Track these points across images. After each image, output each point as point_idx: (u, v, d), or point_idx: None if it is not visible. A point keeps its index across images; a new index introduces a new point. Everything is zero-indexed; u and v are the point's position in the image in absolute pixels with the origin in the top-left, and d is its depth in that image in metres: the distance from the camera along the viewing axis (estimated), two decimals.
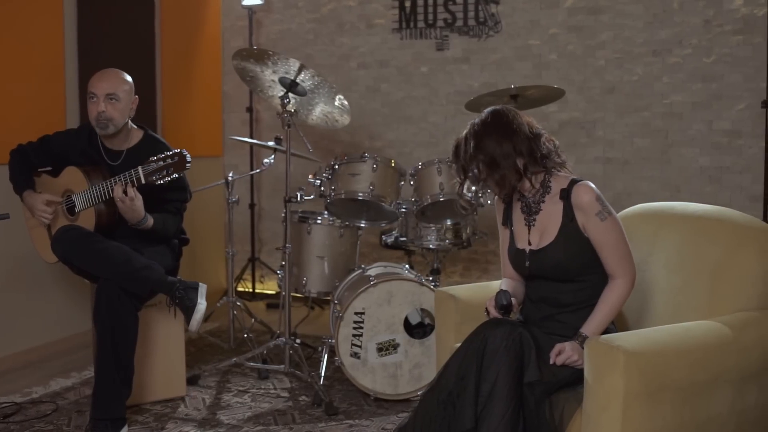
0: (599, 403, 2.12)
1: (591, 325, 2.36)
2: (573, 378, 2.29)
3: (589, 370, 2.16)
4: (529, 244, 2.49)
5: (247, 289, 5.72)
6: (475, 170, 2.41)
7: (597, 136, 4.96)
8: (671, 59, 4.76)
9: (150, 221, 3.22)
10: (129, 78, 3.37)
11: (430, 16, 5.28)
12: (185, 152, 3.06)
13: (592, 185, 2.42)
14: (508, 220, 2.58)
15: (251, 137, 5.53)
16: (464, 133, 2.45)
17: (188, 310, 3.19)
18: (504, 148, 2.37)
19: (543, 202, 2.46)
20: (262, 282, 5.79)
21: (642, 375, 2.08)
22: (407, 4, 5.32)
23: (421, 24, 5.31)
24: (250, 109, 5.67)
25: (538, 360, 2.25)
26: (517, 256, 2.52)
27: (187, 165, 3.06)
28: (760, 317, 2.38)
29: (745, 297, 2.43)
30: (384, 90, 5.43)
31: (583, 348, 2.25)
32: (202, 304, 3.22)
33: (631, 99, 4.85)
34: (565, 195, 2.42)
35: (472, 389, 2.20)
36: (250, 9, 5.50)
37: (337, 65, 5.51)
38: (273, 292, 5.69)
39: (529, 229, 2.49)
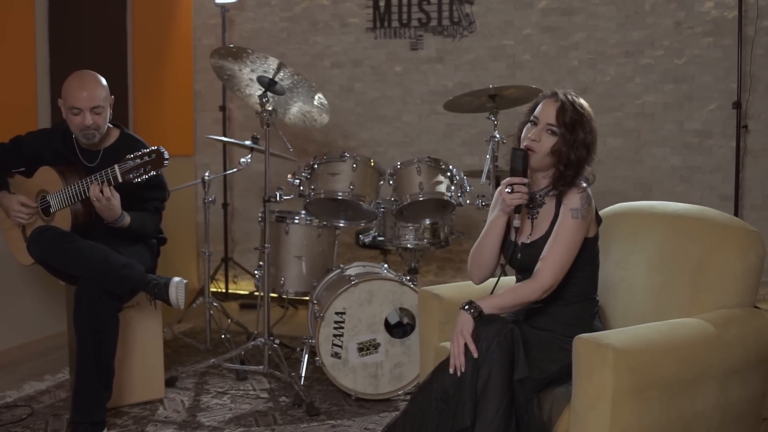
0: (588, 401, 2.14)
1: (488, 301, 2.37)
2: (561, 374, 2.31)
3: (577, 367, 2.18)
4: (530, 235, 2.50)
5: (220, 290, 5.68)
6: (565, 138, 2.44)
7: None
8: (643, 60, 4.83)
9: (127, 219, 3.17)
10: (104, 80, 3.28)
11: (405, 16, 5.29)
12: (162, 149, 3.01)
13: (588, 187, 2.44)
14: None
15: (224, 136, 5.49)
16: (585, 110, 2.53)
17: (165, 293, 3.14)
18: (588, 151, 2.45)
19: (548, 195, 2.48)
20: (235, 282, 5.75)
21: (631, 372, 2.11)
22: (381, 3, 5.32)
23: (395, 23, 5.31)
24: (223, 108, 5.63)
25: (526, 357, 2.26)
26: (509, 248, 2.53)
27: (165, 162, 3.01)
28: (742, 314, 2.43)
29: (726, 294, 2.47)
30: (358, 89, 5.42)
31: (473, 319, 2.30)
32: (175, 278, 3.17)
33: (603, 99, 4.90)
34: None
35: (468, 386, 2.20)
36: (223, 7, 5.45)
37: (311, 64, 5.49)
38: (246, 293, 5.65)
39: (532, 222, 2.51)
